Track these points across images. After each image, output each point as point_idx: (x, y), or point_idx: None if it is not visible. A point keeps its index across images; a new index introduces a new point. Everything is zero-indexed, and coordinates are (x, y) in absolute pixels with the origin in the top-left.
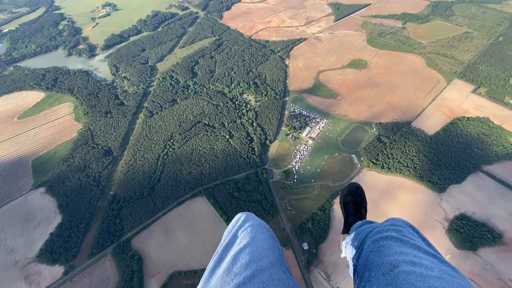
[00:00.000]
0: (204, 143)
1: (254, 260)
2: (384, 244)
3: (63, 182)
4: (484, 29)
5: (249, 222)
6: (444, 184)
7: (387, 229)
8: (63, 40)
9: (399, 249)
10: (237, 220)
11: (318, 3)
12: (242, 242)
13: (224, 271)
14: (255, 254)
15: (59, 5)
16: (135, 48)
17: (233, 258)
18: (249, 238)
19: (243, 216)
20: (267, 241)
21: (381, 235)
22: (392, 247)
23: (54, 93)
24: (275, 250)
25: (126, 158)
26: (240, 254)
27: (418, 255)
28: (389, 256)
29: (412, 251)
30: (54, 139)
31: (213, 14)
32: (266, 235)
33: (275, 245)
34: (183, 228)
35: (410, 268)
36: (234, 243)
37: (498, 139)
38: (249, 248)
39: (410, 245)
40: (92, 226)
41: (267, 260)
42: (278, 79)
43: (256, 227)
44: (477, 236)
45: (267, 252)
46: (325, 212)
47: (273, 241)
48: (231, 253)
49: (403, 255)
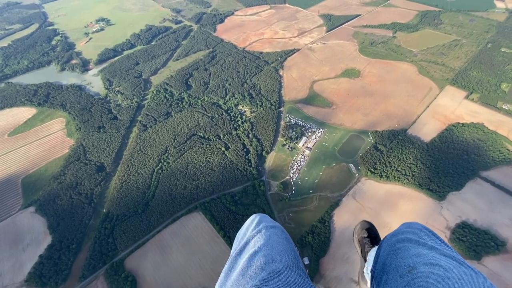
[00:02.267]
0: (200, 156)
1: (269, 263)
2: (400, 246)
3: (53, 200)
4: (472, 36)
5: (262, 224)
6: (443, 192)
7: (403, 232)
8: (56, 55)
9: (417, 251)
10: (251, 222)
11: (310, 14)
12: (257, 245)
13: (239, 274)
14: (270, 257)
15: (53, 21)
16: (128, 62)
17: (247, 261)
18: (264, 240)
19: (256, 218)
20: (281, 243)
21: (397, 238)
22: (409, 249)
23: (46, 108)
24: (290, 252)
25: (120, 173)
26: (254, 257)
27: (436, 256)
28: (407, 258)
29: (429, 252)
30: (45, 156)
31: (207, 27)
32: (281, 237)
33: (290, 248)
34: (179, 245)
35: (429, 270)
36: (248, 245)
37: (494, 144)
38: (263, 250)
39: (427, 246)
40: (84, 247)
41: (283, 263)
42: (273, 89)
43: (270, 229)
44: (480, 244)
45: (282, 255)
46: (325, 224)
47: (288, 243)
48: (245, 255)
49: (421, 257)
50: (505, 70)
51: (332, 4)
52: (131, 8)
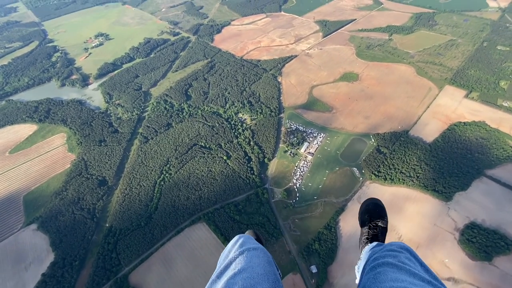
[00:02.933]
0: (202, 166)
1: (247, 286)
2: (380, 271)
3: (55, 217)
4: (467, 36)
5: (245, 246)
6: (449, 192)
7: (384, 255)
8: (56, 71)
9: (395, 276)
10: (234, 244)
11: (306, 21)
12: (237, 267)
13: None
14: (248, 280)
15: (52, 38)
16: (128, 75)
17: (226, 284)
18: (244, 263)
19: (240, 239)
20: (262, 266)
21: (378, 262)
22: (387, 274)
23: (47, 124)
24: (270, 276)
25: (122, 187)
26: (233, 280)
27: (413, 282)
28: (384, 283)
29: (407, 277)
30: (47, 172)
31: (204, 38)
32: (262, 259)
33: (271, 271)
34: (184, 258)
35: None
36: (229, 268)
37: (497, 142)
38: (243, 273)
39: (406, 271)
40: (87, 263)
41: (261, 287)
42: (272, 96)
43: (252, 251)
44: (491, 245)
45: (262, 279)
46: (331, 230)
47: (269, 266)
48: (224, 278)
49: (398, 282)
50: (503, 67)
51: (327, 10)
52: (130, 22)
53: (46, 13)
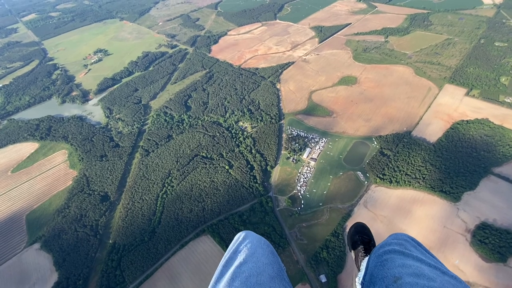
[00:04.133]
0: (204, 176)
1: (254, 274)
2: (387, 258)
3: (58, 235)
4: (464, 34)
5: (248, 239)
6: (457, 193)
7: (389, 243)
8: (56, 89)
9: (402, 262)
10: (237, 238)
11: (301, 28)
12: (242, 257)
13: (225, 284)
14: (255, 269)
15: (52, 56)
16: (127, 89)
17: (233, 273)
18: (249, 253)
19: (242, 234)
20: (266, 256)
21: (384, 249)
22: (395, 260)
23: (48, 142)
24: (274, 265)
25: (124, 201)
26: (240, 269)
27: (420, 267)
28: (393, 269)
29: (414, 263)
30: (49, 189)
31: (202, 49)
32: (266, 250)
33: (274, 260)
34: (189, 273)
35: (413, 280)
36: (234, 259)
37: (502, 139)
38: (249, 263)
39: (413, 257)
40: (91, 281)
41: (267, 274)
42: (272, 103)
43: (255, 243)
44: (504, 245)
45: (267, 267)
46: (339, 237)
47: (272, 256)
48: (231, 268)
49: (406, 268)
50: (502, 63)
51: (321, 16)
52: (127, 37)
53: (46, 32)
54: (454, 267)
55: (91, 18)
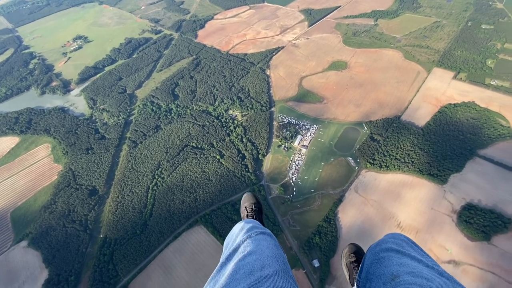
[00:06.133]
0: (195, 167)
1: (258, 267)
2: (384, 255)
3: (46, 232)
4: (452, 16)
5: (252, 230)
6: (444, 175)
7: (386, 242)
8: (34, 79)
9: (400, 261)
10: (241, 228)
11: (290, 11)
12: (246, 250)
13: (227, 278)
14: (258, 262)
15: (28, 44)
16: (111, 78)
17: (236, 266)
18: (253, 246)
19: (247, 225)
20: (271, 249)
21: (381, 247)
22: (392, 259)
23: (30, 135)
24: (279, 258)
25: (113, 195)
26: (243, 262)
27: (418, 266)
28: (390, 267)
29: (412, 262)
30: (33, 185)
31: (188, 34)
32: (270, 243)
33: (279, 254)
34: (183, 263)
35: (411, 279)
36: (237, 251)
37: (487, 122)
38: (253, 256)
39: (410, 257)
40: (83, 277)
41: (271, 268)
42: (262, 90)
43: (260, 235)
44: (488, 224)
45: (271, 260)
46: (331, 222)
47: (277, 249)
48: (234, 260)
49: (404, 266)
50: (488, 46)
51: None
52: (108, 22)
53: (20, 18)
54: (441, 248)
55: (68, 2)
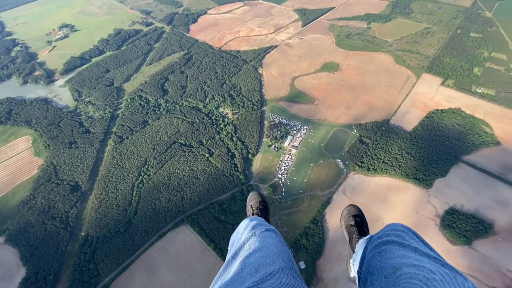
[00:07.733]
0: (182, 165)
1: (263, 264)
2: (385, 248)
3: (24, 228)
4: (442, 23)
5: (258, 228)
6: (430, 180)
7: (387, 234)
8: (16, 67)
9: (401, 253)
10: (246, 226)
11: (284, 9)
12: (251, 247)
13: (233, 275)
14: (264, 259)
15: (11, 31)
16: (98, 69)
17: (242, 263)
18: (258, 243)
19: (252, 222)
20: (276, 246)
21: (382, 240)
22: (393, 251)
23: (9, 127)
24: (284, 255)
25: (97, 191)
26: (249, 259)
27: (420, 258)
28: (391, 260)
29: (414, 254)
30: (12, 179)
31: (180, 28)
32: (275, 240)
33: (284, 250)
34: (168, 263)
35: (413, 271)
36: (243, 248)
37: (472, 128)
38: (258, 253)
39: (412, 248)
40: (63, 276)
41: (277, 265)
42: (254, 89)
43: (265, 232)
44: (470, 229)
45: (277, 257)
46: (318, 224)
47: (282, 246)
48: (240, 258)
49: (405, 258)
50: (476, 54)
51: None
52: (97, 12)
53: (3, 3)
54: None
55: None
